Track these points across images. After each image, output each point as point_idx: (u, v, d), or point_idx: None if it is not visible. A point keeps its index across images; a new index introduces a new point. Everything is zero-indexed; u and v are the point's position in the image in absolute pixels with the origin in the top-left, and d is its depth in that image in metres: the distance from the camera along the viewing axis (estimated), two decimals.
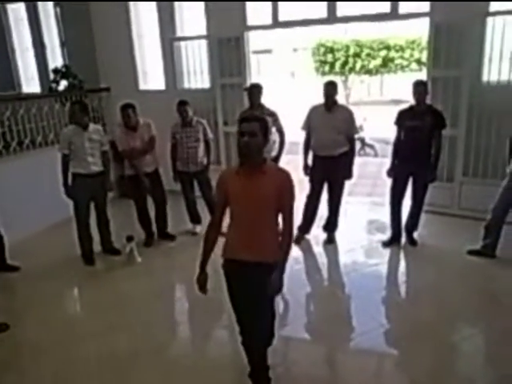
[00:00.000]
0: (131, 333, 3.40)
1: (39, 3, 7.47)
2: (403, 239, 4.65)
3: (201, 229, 5.17)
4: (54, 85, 6.92)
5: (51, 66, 7.35)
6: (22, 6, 7.80)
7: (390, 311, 3.65)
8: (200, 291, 2.53)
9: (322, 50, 17.40)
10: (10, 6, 8.00)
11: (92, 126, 4.37)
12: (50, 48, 7.70)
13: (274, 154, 4.74)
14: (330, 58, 17.37)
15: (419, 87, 4.17)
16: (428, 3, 4.82)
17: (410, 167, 4.32)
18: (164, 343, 3.29)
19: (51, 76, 7.05)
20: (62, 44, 7.44)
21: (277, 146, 4.81)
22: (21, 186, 5.10)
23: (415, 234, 4.64)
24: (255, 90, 4.73)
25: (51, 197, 4.91)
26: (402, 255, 4.51)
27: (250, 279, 2.38)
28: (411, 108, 4.29)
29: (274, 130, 4.54)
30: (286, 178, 2.35)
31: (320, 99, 4.45)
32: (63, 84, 6.89)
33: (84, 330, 3.50)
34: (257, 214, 2.36)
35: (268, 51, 17.22)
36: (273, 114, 4.69)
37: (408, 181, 4.41)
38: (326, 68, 17.54)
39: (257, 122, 2.29)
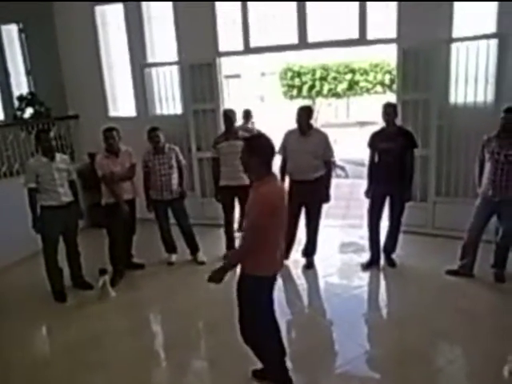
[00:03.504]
0: (108, 372, 3.20)
1: (2, 28, 7.27)
2: (382, 261, 4.65)
3: (176, 258, 5.03)
4: (18, 113, 6.68)
5: (16, 93, 7.11)
6: None
7: (373, 336, 3.60)
8: None
9: (290, 74, 17.74)
10: None
11: (59, 156, 4.20)
12: (14, 75, 7.47)
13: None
14: (297, 81, 17.70)
15: (388, 109, 4.28)
16: (395, 29, 4.97)
17: (386, 188, 4.36)
18: (143, 381, 3.11)
19: (16, 104, 6.83)
20: (28, 71, 7.24)
21: None
22: None
23: (394, 255, 4.66)
24: (231, 115, 4.71)
25: (18, 229, 4.64)
26: (381, 277, 4.49)
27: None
28: (383, 130, 4.37)
29: None
30: (255, 196, 2.43)
31: (291, 122, 4.43)
32: (29, 112, 6.67)
33: (57, 371, 3.27)
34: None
35: (237, 76, 17.38)
36: None
37: (385, 201, 4.44)
38: (294, 92, 17.85)
39: (243, 142, 2.57)
